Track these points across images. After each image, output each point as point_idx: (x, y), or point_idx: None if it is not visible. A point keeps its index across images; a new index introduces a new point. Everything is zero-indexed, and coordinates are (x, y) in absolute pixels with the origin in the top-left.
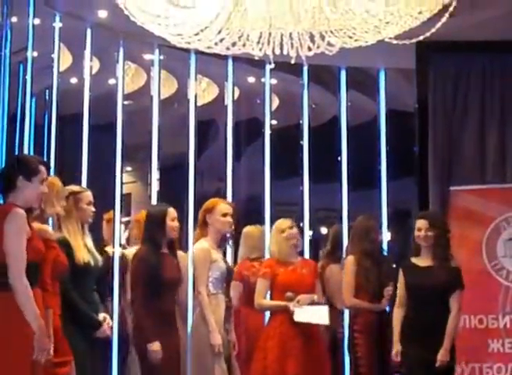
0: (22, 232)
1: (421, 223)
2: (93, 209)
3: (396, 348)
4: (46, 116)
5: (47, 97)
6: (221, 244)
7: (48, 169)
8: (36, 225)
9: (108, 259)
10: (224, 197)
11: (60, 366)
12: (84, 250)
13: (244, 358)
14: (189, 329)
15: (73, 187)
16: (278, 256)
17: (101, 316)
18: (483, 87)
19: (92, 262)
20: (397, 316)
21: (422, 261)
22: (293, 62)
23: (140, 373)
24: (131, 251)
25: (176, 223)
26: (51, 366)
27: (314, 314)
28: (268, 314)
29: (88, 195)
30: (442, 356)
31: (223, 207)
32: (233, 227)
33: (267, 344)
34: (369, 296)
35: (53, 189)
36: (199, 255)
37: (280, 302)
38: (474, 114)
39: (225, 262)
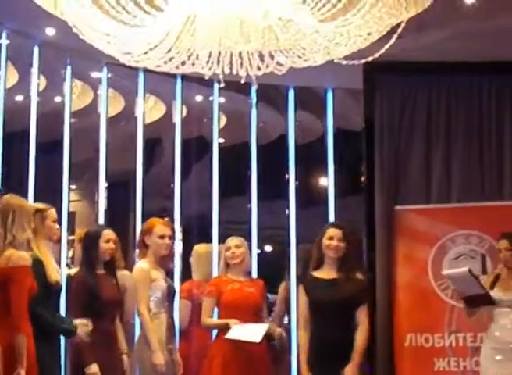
0: None
1: (334, 232)
2: (57, 227)
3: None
4: None
5: None
6: (163, 265)
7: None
8: (12, 252)
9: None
10: (169, 215)
11: None
12: (55, 269)
13: None
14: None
15: (38, 205)
16: (224, 274)
17: (77, 320)
18: (429, 107)
19: (60, 282)
20: (303, 340)
21: (325, 273)
22: (243, 81)
23: None
24: (74, 271)
25: (110, 245)
26: None
27: (249, 331)
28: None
29: (53, 213)
30: (349, 372)
31: (160, 229)
32: (171, 249)
33: (212, 363)
34: None
35: (21, 213)
36: (138, 276)
37: (223, 320)
38: (420, 134)
39: (167, 281)
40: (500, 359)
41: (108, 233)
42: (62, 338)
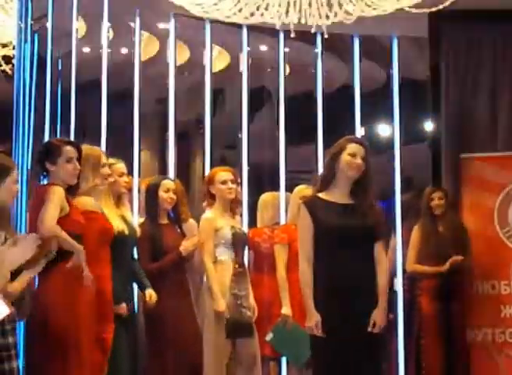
0: (56, 202)
1: (357, 149)
2: (126, 180)
3: (314, 317)
4: (60, 86)
5: (59, 67)
6: (233, 210)
7: (76, 147)
8: (78, 199)
9: None
10: (234, 164)
11: (103, 332)
12: (118, 219)
13: (256, 325)
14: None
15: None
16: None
17: (147, 292)
18: (495, 56)
19: (127, 232)
20: (307, 274)
21: (335, 197)
22: (313, 30)
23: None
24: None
25: (169, 195)
26: (97, 331)
27: None
28: None
29: (120, 167)
30: (380, 319)
31: (221, 175)
32: (236, 193)
33: None
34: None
35: (87, 163)
36: (202, 225)
37: None
38: (486, 82)
39: (235, 228)
40: None
41: (167, 183)
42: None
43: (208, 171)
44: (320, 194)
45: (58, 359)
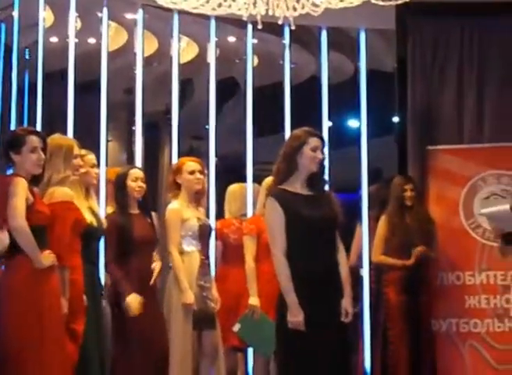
0: (22, 194)
1: (318, 143)
2: (96, 171)
3: (300, 313)
4: (27, 76)
5: (26, 56)
6: (198, 201)
7: (42, 136)
8: (55, 189)
9: None
10: (201, 155)
11: (75, 323)
12: (87, 211)
13: (222, 316)
14: None
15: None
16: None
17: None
18: (461, 48)
19: (95, 224)
20: (287, 268)
21: (297, 188)
22: (280, 22)
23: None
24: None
25: (138, 183)
26: (66, 323)
27: None
28: None
29: (92, 158)
30: (350, 307)
31: (189, 165)
32: (203, 184)
33: None
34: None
35: (59, 153)
36: (168, 216)
37: None
38: (453, 75)
39: (201, 219)
40: None
41: (136, 172)
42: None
43: (174, 162)
44: (283, 186)
45: (28, 349)
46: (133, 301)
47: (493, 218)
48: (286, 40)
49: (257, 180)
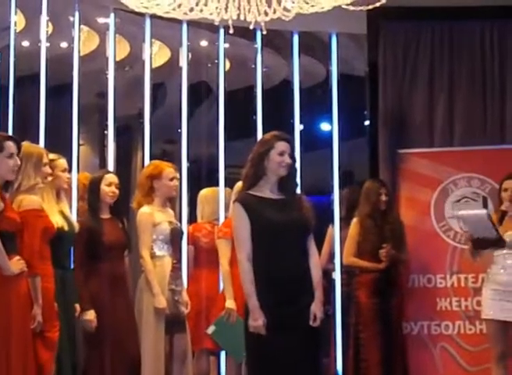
0: None
1: (285, 147)
2: (68, 176)
3: (261, 317)
4: None
5: None
6: (171, 206)
7: (17, 142)
8: (24, 197)
9: None
10: (174, 159)
11: (48, 331)
12: (58, 215)
13: (195, 319)
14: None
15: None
16: None
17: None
18: (432, 52)
19: (66, 228)
20: (251, 273)
21: (266, 193)
22: (251, 27)
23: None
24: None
25: (111, 189)
26: (40, 331)
27: None
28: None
29: (63, 163)
30: (319, 311)
31: (170, 171)
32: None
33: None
34: (368, 256)
35: (30, 160)
36: (140, 219)
37: None
38: (424, 78)
39: (173, 223)
40: (501, 300)
41: (110, 177)
42: None
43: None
44: (251, 191)
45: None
46: (91, 318)
47: (468, 221)
48: (258, 44)
49: (230, 184)
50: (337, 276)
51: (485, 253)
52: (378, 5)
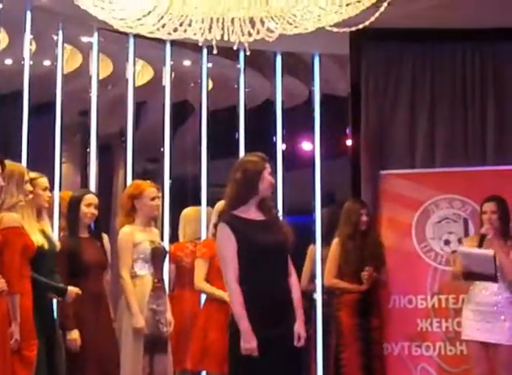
0: None
1: (270, 167)
2: (49, 194)
3: (254, 339)
4: None
5: None
6: (150, 224)
7: (1, 162)
8: (3, 214)
9: None
10: (156, 178)
11: (26, 349)
12: (38, 234)
13: (176, 339)
14: None
15: (29, 174)
16: None
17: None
18: (414, 74)
19: (46, 246)
20: (240, 294)
21: (250, 215)
22: (235, 47)
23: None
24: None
25: (90, 210)
26: (17, 350)
27: None
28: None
29: (44, 181)
30: (302, 331)
31: (152, 191)
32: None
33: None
34: (349, 278)
35: (12, 178)
36: (120, 239)
37: (220, 293)
38: (405, 100)
39: (154, 242)
40: (481, 321)
41: (90, 198)
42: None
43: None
44: (235, 212)
45: None
46: (75, 337)
47: (470, 258)
48: (241, 64)
49: (212, 203)
50: (318, 296)
51: None
52: (361, 26)
